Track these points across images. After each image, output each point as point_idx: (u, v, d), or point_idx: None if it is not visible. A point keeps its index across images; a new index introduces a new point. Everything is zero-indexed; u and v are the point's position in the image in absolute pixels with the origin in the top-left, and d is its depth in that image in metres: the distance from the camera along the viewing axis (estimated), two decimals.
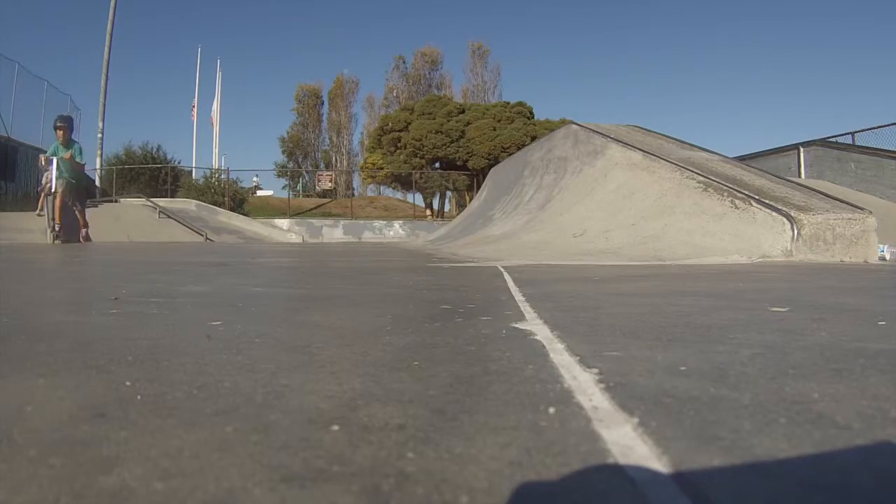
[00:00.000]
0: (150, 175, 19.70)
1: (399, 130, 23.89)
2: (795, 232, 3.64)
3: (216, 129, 24.17)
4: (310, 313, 1.25)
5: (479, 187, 14.53)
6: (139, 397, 0.59)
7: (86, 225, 9.10)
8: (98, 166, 19.31)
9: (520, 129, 22.25)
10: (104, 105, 19.16)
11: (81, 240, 8.87)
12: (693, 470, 0.41)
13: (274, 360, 0.76)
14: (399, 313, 1.26)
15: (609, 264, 3.07)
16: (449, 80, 35.61)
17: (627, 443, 0.46)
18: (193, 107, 23.77)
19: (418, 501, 0.36)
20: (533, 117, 23.75)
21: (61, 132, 8.56)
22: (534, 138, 17.18)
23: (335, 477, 0.39)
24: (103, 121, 19.11)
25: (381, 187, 27.83)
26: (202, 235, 12.90)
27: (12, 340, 0.92)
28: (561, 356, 0.79)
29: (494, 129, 22.34)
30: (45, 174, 8.70)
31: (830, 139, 10.65)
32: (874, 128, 10.05)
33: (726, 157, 5.87)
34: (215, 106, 24.23)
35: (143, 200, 14.89)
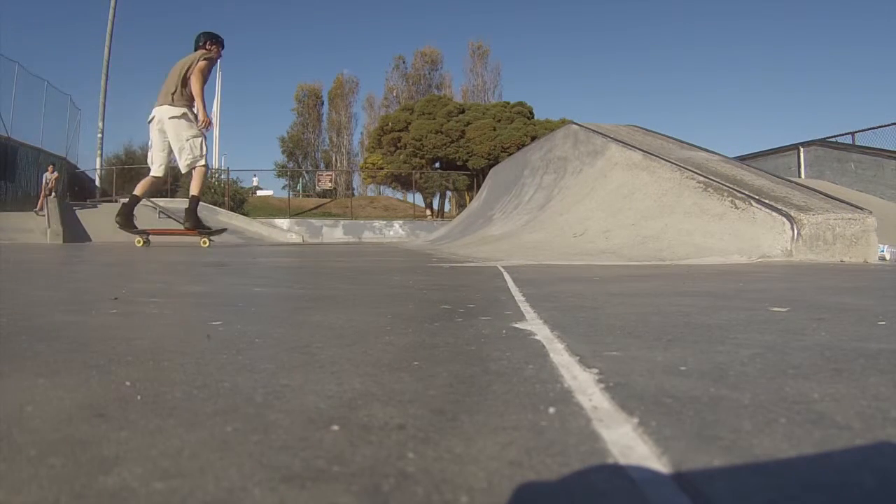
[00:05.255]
0: None
1: (399, 130, 23.88)
2: (795, 232, 3.64)
3: (216, 129, 24.19)
4: (310, 313, 1.25)
5: (479, 187, 14.53)
6: (139, 397, 0.59)
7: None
8: (98, 166, 19.32)
9: (520, 129, 22.24)
10: (104, 105, 19.18)
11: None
12: (693, 470, 0.41)
13: (274, 360, 0.76)
14: (399, 313, 1.26)
15: (609, 264, 3.07)
16: (449, 80, 35.61)
17: (627, 443, 0.46)
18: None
19: (418, 501, 0.36)
20: (533, 117, 23.73)
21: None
22: (534, 138, 17.18)
23: (335, 477, 0.39)
24: (103, 121, 19.13)
25: (381, 187, 27.83)
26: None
27: (12, 340, 0.92)
28: (561, 356, 0.79)
29: (494, 129, 22.32)
30: (45, 174, 8.62)
31: (830, 139, 10.65)
32: (874, 128, 10.05)
33: (726, 157, 5.87)
34: (215, 106, 24.24)
35: (143, 200, 14.91)
